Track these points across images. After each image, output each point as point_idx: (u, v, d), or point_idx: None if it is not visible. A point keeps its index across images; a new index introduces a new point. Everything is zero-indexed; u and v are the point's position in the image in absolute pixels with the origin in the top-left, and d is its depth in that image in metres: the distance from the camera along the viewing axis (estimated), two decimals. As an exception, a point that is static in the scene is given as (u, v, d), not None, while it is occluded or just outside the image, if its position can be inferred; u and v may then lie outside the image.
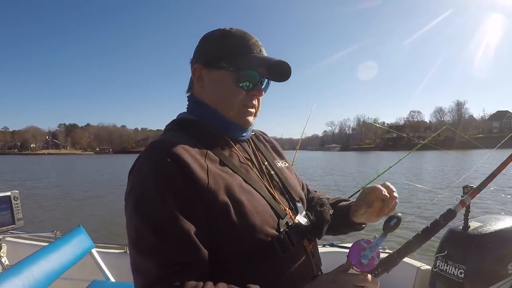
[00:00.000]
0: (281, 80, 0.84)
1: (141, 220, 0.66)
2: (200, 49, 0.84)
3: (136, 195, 0.68)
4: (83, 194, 13.84)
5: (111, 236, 6.56)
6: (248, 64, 0.78)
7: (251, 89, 0.80)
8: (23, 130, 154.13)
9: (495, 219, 1.54)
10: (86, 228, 2.08)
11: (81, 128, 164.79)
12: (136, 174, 0.71)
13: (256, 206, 0.73)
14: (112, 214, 9.34)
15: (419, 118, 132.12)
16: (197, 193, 0.67)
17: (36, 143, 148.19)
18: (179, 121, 0.85)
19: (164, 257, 0.64)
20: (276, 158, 0.96)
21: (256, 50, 0.81)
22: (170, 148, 0.69)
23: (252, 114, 0.83)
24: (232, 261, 0.70)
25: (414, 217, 8.30)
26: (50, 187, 16.75)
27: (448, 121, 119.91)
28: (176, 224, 0.65)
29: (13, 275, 1.35)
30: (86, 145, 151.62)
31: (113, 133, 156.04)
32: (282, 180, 0.88)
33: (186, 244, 0.65)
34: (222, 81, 0.79)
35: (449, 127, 3.17)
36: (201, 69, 0.82)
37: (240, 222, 0.69)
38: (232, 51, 0.79)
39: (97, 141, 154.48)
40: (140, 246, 0.66)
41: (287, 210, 0.81)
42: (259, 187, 0.78)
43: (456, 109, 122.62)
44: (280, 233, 0.74)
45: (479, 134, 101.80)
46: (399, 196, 0.84)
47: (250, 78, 0.79)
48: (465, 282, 1.36)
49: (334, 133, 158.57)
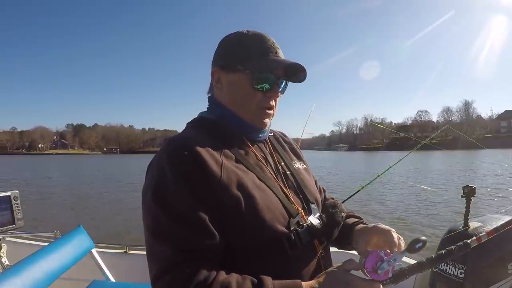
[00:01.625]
0: (298, 81, 0.86)
1: (160, 208, 0.68)
2: (218, 52, 0.86)
3: (155, 186, 0.71)
4: (83, 194, 13.84)
5: (111, 236, 6.57)
6: (264, 67, 0.80)
7: (267, 90, 0.81)
8: (31, 130, 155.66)
9: (495, 219, 1.54)
10: (86, 228, 2.08)
11: (89, 128, 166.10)
12: (155, 167, 0.74)
13: (267, 202, 0.74)
14: (112, 214, 9.37)
15: (426, 118, 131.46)
16: (210, 186, 0.70)
17: (44, 143, 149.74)
18: (199, 119, 0.88)
19: (181, 243, 0.66)
20: (294, 159, 0.96)
21: (272, 53, 0.82)
22: (187, 143, 0.73)
23: (269, 115, 0.85)
24: (240, 255, 0.72)
25: (418, 216, 8.30)
26: (50, 187, 16.76)
27: (455, 120, 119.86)
28: (193, 212, 0.67)
29: (13, 275, 1.35)
30: (94, 145, 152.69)
31: (121, 133, 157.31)
32: (298, 180, 0.88)
33: (203, 232, 0.67)
34: (238, 83, 0.81)
35: (450, 127, 3.19)
36: (219, 72, 0.84)
37: (250, 217, 0.71)
38: (248, 54, 0.81)
39: (104, 141, 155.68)
40: (157, 233, 0.68)
41: (300, 210, 0.81)
42: (272, 185, 0.79)
43: (463, 109, 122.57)
44: (290, 231, 0.75)
45: (487, 134, 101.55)
46: (402, 195, 0.84)
47: (266, 80, 0.80)
48: (465, 282, 1.36)
49: (341, 133, 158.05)
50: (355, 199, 2.64)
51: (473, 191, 1.54)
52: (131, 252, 2.39)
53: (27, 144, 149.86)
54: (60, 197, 13.12)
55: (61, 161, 62.70)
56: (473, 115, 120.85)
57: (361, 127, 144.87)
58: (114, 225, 7.69)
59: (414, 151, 2.49)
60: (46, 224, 7.63)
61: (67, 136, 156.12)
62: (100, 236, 6.03)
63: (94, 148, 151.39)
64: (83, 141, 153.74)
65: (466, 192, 1.55)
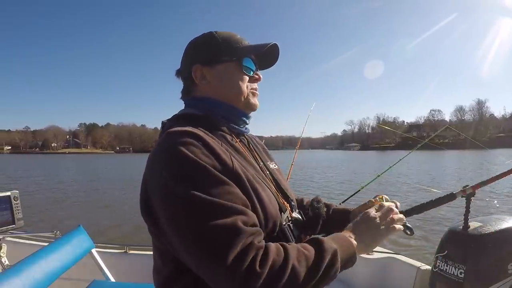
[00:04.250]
0: (269, 65, 0.93)
1: (202, 193, 0.62)
2: (194, 52, 0.88)
3: (186, 175, 0.64)
4: (83, 194, 13.82)
5: (111, 236, 6.57)
6: (248, 50, 0.85)
7: (252, 74, 0.87)
8: (44, 130, 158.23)
9: (495, 219, 1.54)
10: (86, 228, 2.08)
11: (101, 128, 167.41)
12: (168, 157, 0.67)
13: (270, 196, 0.77)
14: (112, 214, 9.36)
15: (439, 117, 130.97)
16: (227, 174, 0.68)
17: (57, 142, 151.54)
18: (184, 115, 0.85)
19: (245, 220, 0.63)
20: (268, 160, 0.98)
21: (245, 42, 0.87)
22: (195, 133, 0.71)
23: (257, 96, 0.89)
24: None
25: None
26: (51, 187, 16.74)
27: (468, 120, 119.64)
28: (236, 191, 0.67)
29: (13, 275, 1.35)
30: (106, 144, 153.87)
31: (133, 133, 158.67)
32: (277, 180, 0.90)
33: (248, 208, 0.67)
34: (228, 72, 0.84)
35: (449, 126, 3.19)
36: (201, 68, 0.84)
37: (259, 210, 0.71)
38: (228, 45, 0.85)
39: (117, 141, 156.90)
40: (208, 219, 0.60)
41: (287, 205, 0.85)
42: (265, 180, 0.82)
43: (476, 108, 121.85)
44: (283, 226, 0.78)
45: (500, 133, 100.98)
46: (402, 195, 0.87)
47: (251, 64, 0.86)
48: (465, 282, 1.36)
49: (353, 132, 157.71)
50: (355, 199, 2.63)
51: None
52: (131, 252, 2.39)
53: (40, 144, 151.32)
54: (61, 197, 13.10)
55: (70, 160, 62.81)
56: (486, 114, 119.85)
57: (374, 126, 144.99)
58: (114, 225, 7.68)
59: (419, 151, 2.49)
60: (46, 224, 7.63)
61: (80, 136, 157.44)
62: (100, 236, 6.03)
63: (106, 147, 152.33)
64: (96, 140, 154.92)
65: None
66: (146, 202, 0.71)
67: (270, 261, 0.60)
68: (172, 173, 0.65)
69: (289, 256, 0.62)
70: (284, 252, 0.63)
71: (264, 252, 0.61)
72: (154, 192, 0.68)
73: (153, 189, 0.68)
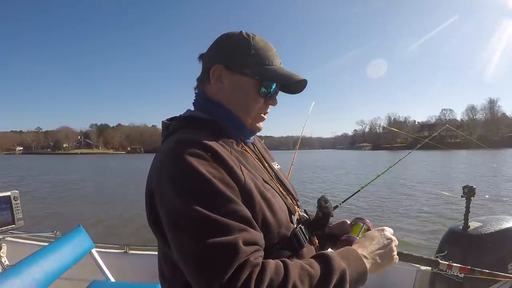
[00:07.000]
0: (292, 93, 0.89)
1: (204, 205, 0.61)
2: (222, 50, 0.83)
3: (192, 189, 0.63)
4: (83, 194, 13.83)
5: (111, 236, 6.57)
6: (272, 76, 0.80)
7: (268, 98, 0.83)
8: (56, 131, 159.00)
9: (495, 219, 1.54)
10: (86, 228, 2.08)
11: (113, 128, 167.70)
12: (179, 171, 0.65)
13: (280, 203, 0.77)
14: (112, 214, 9.36)
15: (451, 116, 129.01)
16: (237, 189, 0.67)
17: (68, 143, 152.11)
18: (191, 118, 0.83)
19: (246, 234, 0.61)
20: (270, 160, 0.98)
21: (277, 62, 0.83)
22: (206, 144, 0.69)
23: (264, 120, 0.87)
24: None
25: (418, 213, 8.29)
26: (51, 187, 16.75)
27: (480, 119, 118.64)
28: (240, 208, 0.64)
29: (13, 275, 1.35)
30: (118, 145, 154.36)
31: (144, 133, 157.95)
32: (282, 180, 0.90)
33: (251, 224, 0.65)
34: (244, 87, 0.80)
35: (449, 126, 3.19)
36: (222, 70, 0.80)
37: (271, 219, 0.71)
38: (258, 60, 0.80)
39: (128, 141, 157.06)
40: (210, 232, 0.60)
41: (295, 206, 0.84)
42: (273, 185, 0.81)
43: (488, 107, 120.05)
44: (295, 229, 0.78)
45: (511, 133, 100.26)
46: (403, 195, 0.86)
47: (271, 88, 0.82)
48: (465, 282, 1.36)
49: (364, 132, 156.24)
50: (356, 200, 2.63)
51: (473, 191, 1.54)
52: (131, 252, 2.39)
53: (52, 144, 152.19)
54: (61, 197, 13.10)
55: (81, 160, 63.02)
56: (498, 114, 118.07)
57: (384, 126, 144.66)
58: (114, 225, 7.69)
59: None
60: (46, 224, 7.63)
61: (91, 136, 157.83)
62: (100, 236, 6.04)
63: (118, 148, 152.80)
64: (107, 141, 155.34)
65: (466, 192, 1.55)
66: (152, 212, 0.70)
67: (267, 280, 0.57)
68: (179, 186, 0.64)
69: (289, 274, 0.60)
70: (284, 270, 0.60)
71: (261, 270, 0.59)
72: (161, 205, 0.67)
73: (159, 203, 0.67)
